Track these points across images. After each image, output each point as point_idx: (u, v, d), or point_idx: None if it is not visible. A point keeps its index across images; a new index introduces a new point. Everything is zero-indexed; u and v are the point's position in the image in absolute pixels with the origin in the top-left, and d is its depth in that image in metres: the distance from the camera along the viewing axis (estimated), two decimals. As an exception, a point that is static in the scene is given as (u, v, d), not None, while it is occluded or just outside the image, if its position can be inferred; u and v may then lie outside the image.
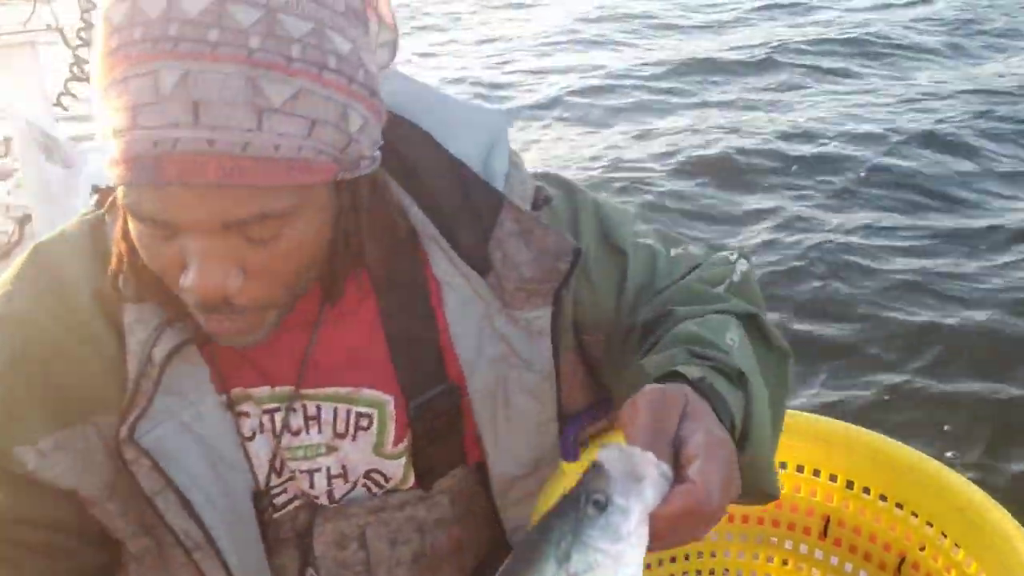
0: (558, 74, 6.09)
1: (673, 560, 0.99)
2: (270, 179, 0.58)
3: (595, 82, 5.83)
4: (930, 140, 4.46)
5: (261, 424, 0.76)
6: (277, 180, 0.58)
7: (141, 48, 0.56)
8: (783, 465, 0.95)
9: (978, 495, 0.82)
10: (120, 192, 0.61)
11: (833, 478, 0.93)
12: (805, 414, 0.94)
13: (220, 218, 0.59)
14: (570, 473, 0.82)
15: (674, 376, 0.66)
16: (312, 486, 0.79)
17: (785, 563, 0.99)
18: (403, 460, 0.80)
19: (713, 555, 1.01)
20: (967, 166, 4.23)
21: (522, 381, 0.79)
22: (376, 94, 0.64)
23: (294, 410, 0.77)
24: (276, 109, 0.57)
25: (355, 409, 0.78)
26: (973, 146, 4.39)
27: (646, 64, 6.12)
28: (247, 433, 0.76)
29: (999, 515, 0.79)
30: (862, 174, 4.21)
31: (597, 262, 0.81)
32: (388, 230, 0.74)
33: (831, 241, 3.71)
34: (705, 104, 5.35)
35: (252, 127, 0.56)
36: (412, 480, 0.82)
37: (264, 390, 0.76)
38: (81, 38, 2.76)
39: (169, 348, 0.69)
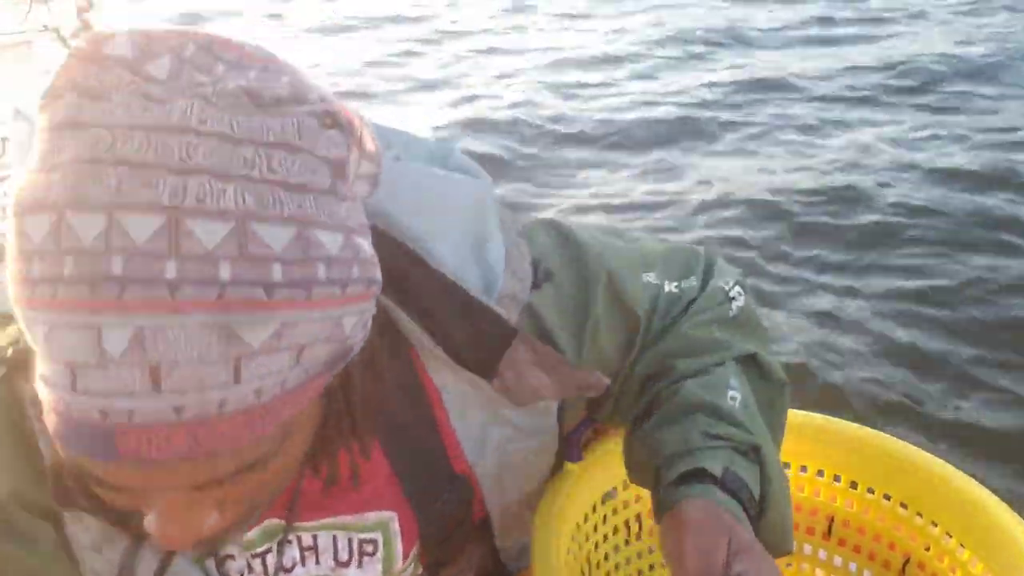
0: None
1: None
2: (252, 433, 0.47)
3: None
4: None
5: (249, 565, 0.68)
6: (260, 431, 0.48)
7: (75, 291, 0.42)
8: (786, 465, 0.95)
9: (983, 494, 0.81)
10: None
11: (837, 478, 0.93)
12: (809, 414, 0.93)
13: (190, 483, 0.49)
14: (573, 472, 0.82)
15: (698, 473, 0.69)
16: None
17: (789, 564, 0.98)
18: (410, 570, 0.75)
19: (716, 556, 1.00)
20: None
21: (526, 449, 0.75)
22: (374, 281, 0.53)
23: (289, 542, 0.69)
24: (255, 352, 0.45)
25: (358, 536, 0.71)
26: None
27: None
28: None
29: (1005, 515, 0.79)
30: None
31: (608, 328, 0.75)
32: (377, 352, 0.61)
33: (841, 242, 3.71)
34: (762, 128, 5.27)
35: (227, 380, 0.45)
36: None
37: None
38: (77, 37, 2.76)
39: (155, 568, 0.60)
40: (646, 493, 0.90)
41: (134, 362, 0.43)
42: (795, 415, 0.92)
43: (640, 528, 0.93)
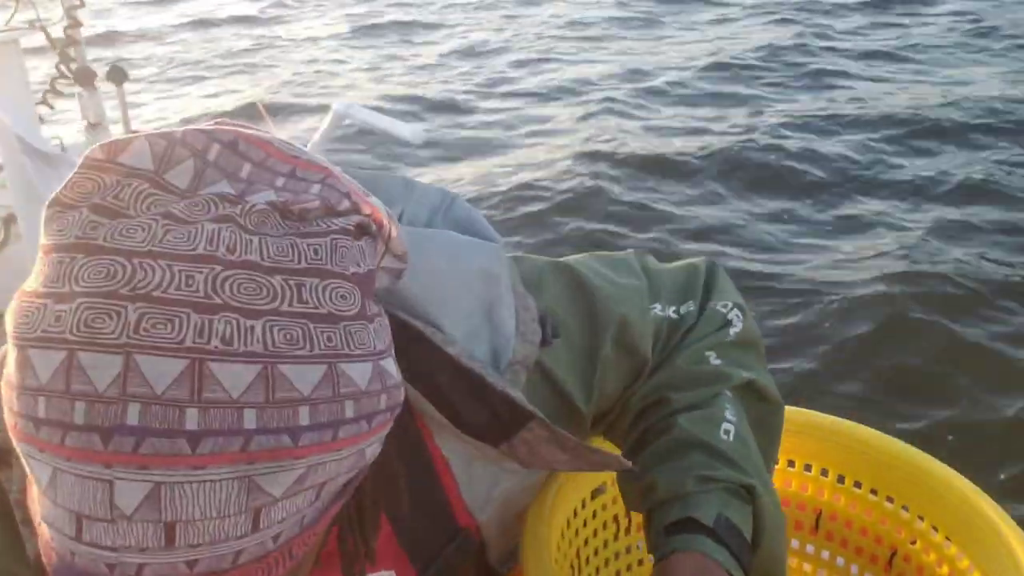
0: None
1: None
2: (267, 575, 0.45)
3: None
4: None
5: None
6: (274, 574, 0.45)
7: (86, 441, 0.39)
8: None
9: (970, 489, 0.82)
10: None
11: (825, 472, 0.93)
12: (797, 408, 0.93)
13: None
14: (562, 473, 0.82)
15: (689, 522, 0.68)
16: None
17: (777, 558, 0.99)
18: None
19: (705, 551, 1.01)
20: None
21: (525, 489, 0.75)
22: (398, 405, 0.49)
23: None
24: (277, 499, 0.42)
25: None
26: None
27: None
28: None
29: (991, 509, 0.79)
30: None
31: (617, 373, 0.75)
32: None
33: (836, 246, 3.72)
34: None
35: (246, 531, 0.42)
36: None
37: None
38: (68, 35, 2.74)
39: None
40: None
41: (148, 519, 0.40)
42: (784, 411, 0.93)
43: (630, 523, 0.93)
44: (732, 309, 0.81)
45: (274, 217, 0.42)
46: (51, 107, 2.76)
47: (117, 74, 2.81)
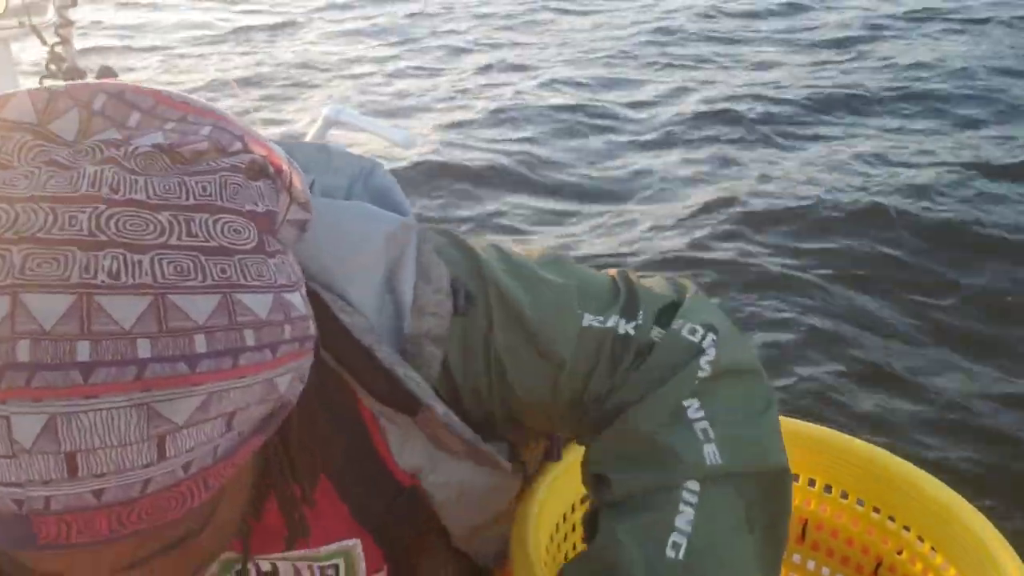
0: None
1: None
2: (181, 507, 0.45)
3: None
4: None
5: None
6: (189, 504, 0.45)
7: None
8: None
9: (955, 499, 0.82)
10: None
11: (811, 482, 0.94)
12: (784, 419, 0.94)
13: (116, 566, 0.47)
14: (552, 472, 0.82)
15: None
16: None
17: (763, 567, 0.99)
18: None
19: (692, 559, 1.01)
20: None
21: (476, 480, 0.71)
22: (308, 337, 0.50)
23: (245, 573, 0.66)
24: (180, 427, 0.43)
25: (317, 564, 0.69)
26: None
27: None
28: None
29: (976, 519, 0.80)
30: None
31: (525, 371, 0.67)
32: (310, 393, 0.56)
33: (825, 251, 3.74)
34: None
35: (151, 459, 0.42)
36: None
37: None
38: (59, 35, 2.73)
39: None
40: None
41: (47, 451, 0.40)
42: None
43: (617, 530, 0.93)
44: (707, 334, 0.66)
45: (162, 159, 0.43)
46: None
47: (107, 74, 2.80)
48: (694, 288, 0.72)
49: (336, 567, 0.69)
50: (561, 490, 0.83)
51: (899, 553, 0.88)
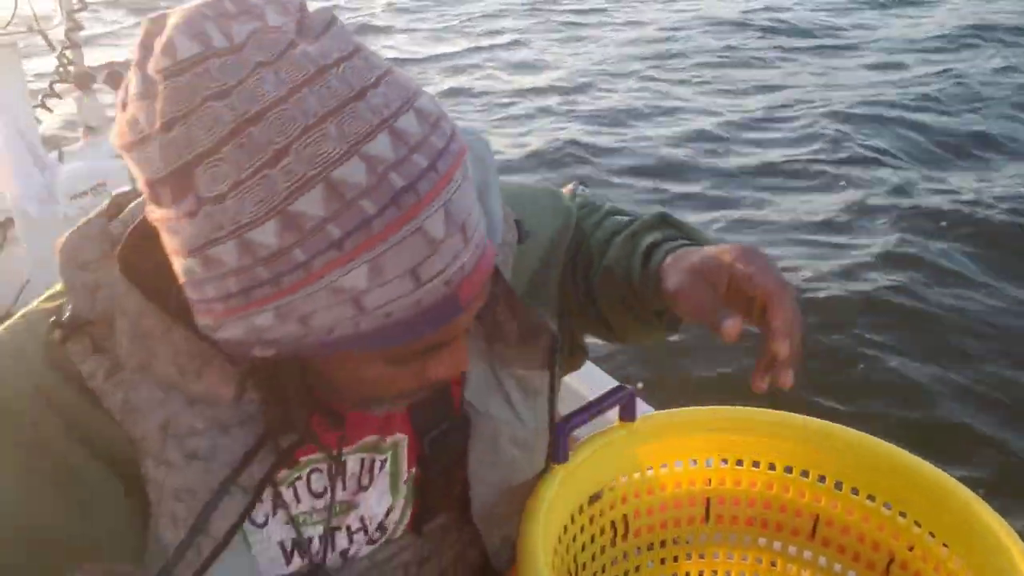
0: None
1: (663, 562, 0.98)
2: (494, 252, 0.61)
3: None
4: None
5: (274, 504, 0.70)
6: (495, 250, 0.63)
7: (385, 219, 0.51)
8: (772, 466, 0.95)
9: (967, 495, 0.82)
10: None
11: (822, 479, 0.93)
12: (794, 415, 0.93)
13: (469, 323, 0.62)
14: (559, 473, 0.82)
15: (649, 247, 0.81)
16: (331, 548, 0.75)
17: (773, 564, 0.99)
18: (403, 499, 0.79)
19: (702, 556, 1.01)
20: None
21: (514, 435, 0.80)
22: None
23: (319, 471, 0.73)
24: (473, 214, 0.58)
25: (379, 457, 0.76)
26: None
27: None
28: (259, 520, 0.69)
29: (988, 515, 0.79)
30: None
31: (557, 276, 0.87)
32: None
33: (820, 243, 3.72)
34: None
35: (479, 214, 0.58)
36: (406, 523, 0.81)
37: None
38: (68, 38, 2.74)
39: (234, 519, 0.64)
40: (632, 496, 0.91)
41: (451, 232, 0.54)
42: (780, 415, 0.93)
43: (627, 530, 0.93)
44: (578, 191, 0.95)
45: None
46: (49, 110, 2.75)
47: (115, 78, 2.81)
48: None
49: (385, 460, 0.77)
50: (568, 491, 0.83)
51: (911, 549, 0.87)
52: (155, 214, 0.54)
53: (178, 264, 0.55)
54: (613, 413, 0.90)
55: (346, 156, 0.50)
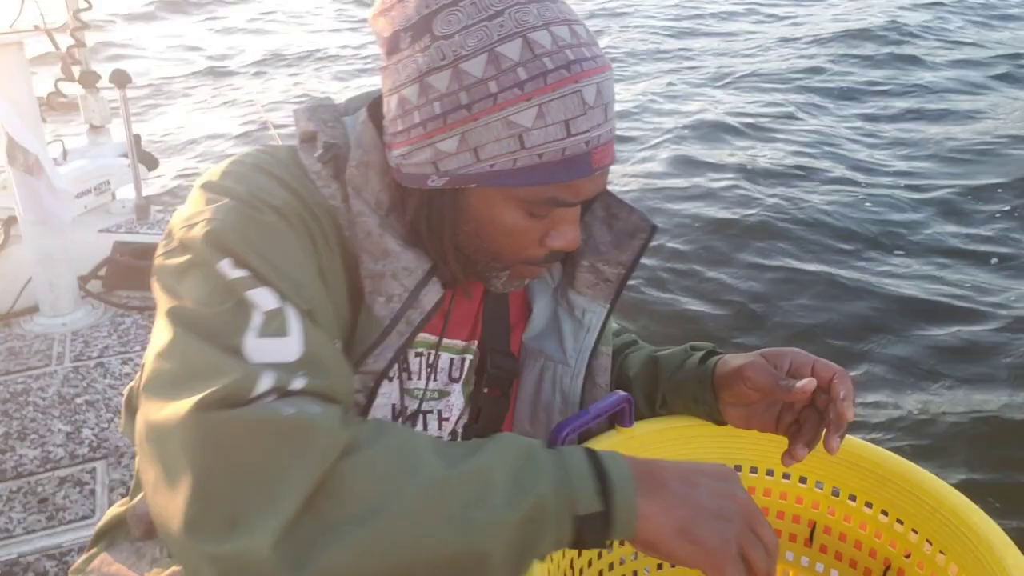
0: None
1: (660, 567, 0.99)
2: (615, 154, 0.75)
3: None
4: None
5: (399, 367, 0.83)
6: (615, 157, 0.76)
7: (558, 74, 0.68)
8: (770, 472, 0.95)
9: (963, 503, 0.82)
10: (517, 191, 0.72)
11: (820, 485, 0.94)
12: (792, 421, 0.93)
13: (601, 188, 0.76)
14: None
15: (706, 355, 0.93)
16: (423, 428, 0.88)
17: (771, 570, 0.99)
18: (466, 406, 0.91)
19: (699, 562, 1.01)
20: None
21: (556, 376, 0.91)
22: None
23: (420, 354, 0.85)
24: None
25: (467, 357, 0.90)
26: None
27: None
28: (391, 374, 0.81)
29: (984, 523, 0.79)
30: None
31: None
32: None
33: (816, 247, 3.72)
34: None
35: (615, 112, 0.74)
36: (460, 429, 0.92)
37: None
38: (74, 37, 2.75)
39: (435, 300, 0.78)
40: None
41: (598, 104, 0.70)
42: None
43: (624, 534, 0.93)
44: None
45: None
46: (54, 108, 2.76)
47: (120, 77, 2.82)
48: None
49: (462, 363, 0.90)
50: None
51: (907, 557, 0.87)
52: (389, 60, 0.73)
53: (394, 99, 0.73)
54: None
55: (539, 27, 0.68)
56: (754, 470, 0.96)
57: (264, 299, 0.66)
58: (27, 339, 2.47)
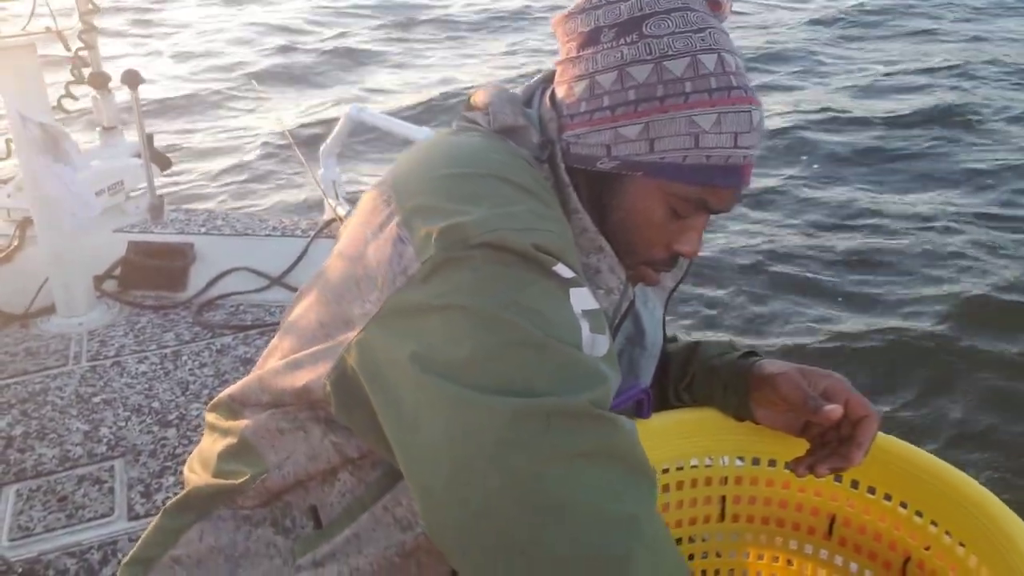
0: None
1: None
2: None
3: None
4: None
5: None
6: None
7: (738, 92, 0.77)
8: (788, 465, 0.95)
9: (983, 494, 0.82)
10: (673, 188, 0.78)
11: (838, 478, 0.94)
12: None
13: (735, 204, 0.82)
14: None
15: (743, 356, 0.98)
16: None
17: (790, 563, 0.99)
18: None
19: (719, 555, 1.01)
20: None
21: (635, 356, 0.97)
22: None
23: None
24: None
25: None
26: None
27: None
28: None
29: (1004, 514, 0.79)
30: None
31: None
32: None
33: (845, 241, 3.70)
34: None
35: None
36: None
37: None
38: (83, 40, 2.76)
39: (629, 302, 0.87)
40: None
41: (758, 129, 0.78)
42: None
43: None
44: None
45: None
46: (66, 111, 2.78)
47: (132, 77, 2.83)
48: None
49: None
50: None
51: (927, 549, 0.87)
52: (583, 51, 0.80)
53: (582, 84, 0.79)
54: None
55: (730, 51, 0.78)
56: (772, 463, 0.96)
57: None
58: (44, 339, 2.48)
